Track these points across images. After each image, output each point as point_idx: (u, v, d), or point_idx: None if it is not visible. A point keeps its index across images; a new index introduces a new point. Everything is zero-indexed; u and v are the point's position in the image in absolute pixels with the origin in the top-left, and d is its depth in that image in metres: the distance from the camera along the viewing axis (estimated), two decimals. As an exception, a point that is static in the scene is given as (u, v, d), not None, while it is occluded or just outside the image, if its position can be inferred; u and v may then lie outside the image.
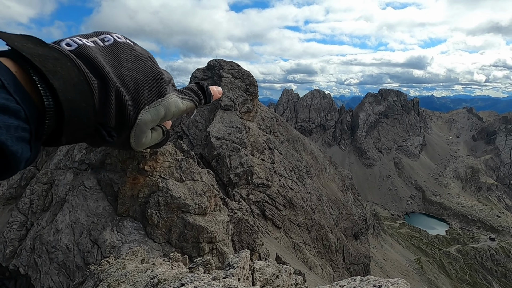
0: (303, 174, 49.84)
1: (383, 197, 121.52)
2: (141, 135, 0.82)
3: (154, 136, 0.88)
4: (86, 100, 0.68)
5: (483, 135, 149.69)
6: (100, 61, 0.74)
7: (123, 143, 0.82)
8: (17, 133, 0.57)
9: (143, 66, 0.83)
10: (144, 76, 0.82)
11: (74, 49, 0.73)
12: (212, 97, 1.00)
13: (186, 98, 0.91)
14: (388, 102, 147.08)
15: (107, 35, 0.84)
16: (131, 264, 8.76)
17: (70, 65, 0.68)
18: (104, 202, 18.63)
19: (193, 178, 19.70)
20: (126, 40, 0.87)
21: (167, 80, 0.88)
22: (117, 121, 0.76)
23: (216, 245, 17.25)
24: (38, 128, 0.63)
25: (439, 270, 74.36)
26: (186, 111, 0.92)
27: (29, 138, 0.60)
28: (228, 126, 42.17)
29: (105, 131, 0.74)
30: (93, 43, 0.78)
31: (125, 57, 0.81)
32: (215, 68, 53.21)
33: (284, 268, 7.58)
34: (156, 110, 0.82)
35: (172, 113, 0.87)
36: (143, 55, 0.86)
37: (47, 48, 0.68)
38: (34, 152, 0.63)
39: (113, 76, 0.75)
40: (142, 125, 0.80)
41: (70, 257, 17.19)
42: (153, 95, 0.82)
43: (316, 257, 40.15)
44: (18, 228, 21.14)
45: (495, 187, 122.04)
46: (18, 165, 0.59)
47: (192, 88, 0.95)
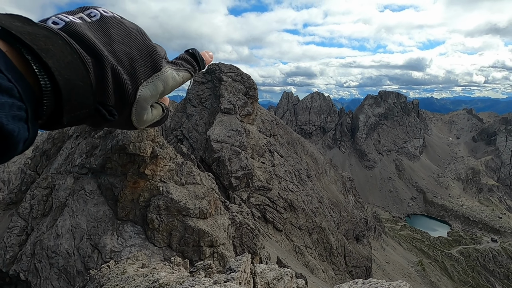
0: (304, 176, 49.77)
1: (384, 199, 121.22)
2: (142, 112, 0.81)
3: (155, 113, 0.87)
4: (82, 79, 0.66)
5: (483, 136, 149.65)
6: (91, 37, 0.72)
7: (125, 121, 0.81)
8: (12, 111, 0.55)
9: (134, 40, 0.81)
10: (138, 51, 0.80)
11: (62, 27, 0.70)
12: (205, 62, 0.98)
13: (181, 69, 0.90)
14: (388, 104, 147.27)
15: (93, 9, 0.81)
16: (131, 269, 8.73)
17: (62, 43, 0.66)
18: (105, 206, 18.60)
19: (193, 182, 19.68)
20: (113, 14, 0.84)
21: (161, 54, 0.86)
22: (117, 99, 0.74)
23: (217, 249, 17.19)
24: (36, 109, 0.61)
25: (441, 272, 73.96)
26: (183, 82, 0.92)
27: (25, 117, 0.58)
28: (228, 129, 42.20)
29: (105, 110, 0.72)
30: (80, 19, 0.76)
31: (115, 32, 0.79)
32: (215, 71, 53.37)
33: (286, 272, 7.54)
34: (154, 85, 0.81)
35: (170, 87, 0.86)
36: (133, 29, 0.83)
37: (35, 27, 0.65)
38: (33, 132, 0.61)
39: (107, 52, 0.73)
40: (142, 101, 0.79)
41: (71, 262, 17.13)
42: (148, 70, 0.80)
43: (317, 260, 39.96)
44: (18, 233, 21.08)
45: (496, 188, 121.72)
46: (16, 145, 0.57)
47: (184, 57, 0.94)
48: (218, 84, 50.98)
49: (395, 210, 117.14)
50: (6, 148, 0.56)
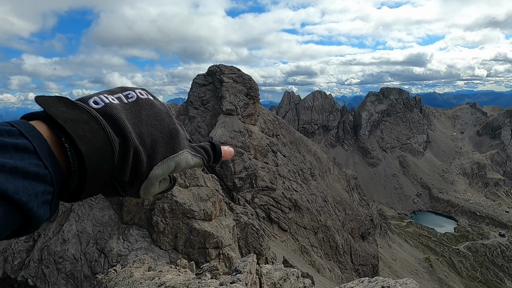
0: (307, 175, 49.67)
1: (389, 196, 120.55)
2: (150, 187, 0.86)
3: (162, 185, 0.91)
4: (107, 161, 0.72)
5: (487, 130, 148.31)
6: (124, 120, 0.78)
7: (133, 193, 0.86)
8: (43, 197, 0.59)
9: (161, 122, 0.87)
10: (161, 133, 0.85)
11: (101, 107, 0.77)
12: (222, 157, 1.03)
13: (197, 155, 0.94)
14: (390, 101, 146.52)
15: (131, 91, 0.88)
16: (138, 272, 8.76)
17: (97, 127, 0.72)
18: (110, 210, 18.70)
19: (197, 184, 19.72)
20: (147, 95, 0.91)
21: (182, 137, 0.91)
22: (131, 176, 0.79)
23: (222, 250, 17.20)
24: (60, 189, 0.66)
25: (449, 268, 73.37)
26: (195, 166, 0.95)
27: (51, 200, 0.62)
28: (230, 131, 42.25)
29: (120, 186, 0.78)
30: (117, 100, 0.83)
31: (145, 113, 0.85)
32: (216, 73, 53.47)
33: (292, 271, 7.53)
34: (168, 165, 0.85)
35: (181, 167, 0.90)
36: (162, 111, 0.89)
37: (77, 111, 0.72)
38: (53, 211, 0.65)
39: (134, 134, 0.78)
40: (153, 179, 0.84)
41: (78, 266, 17.23)
42: (167, 152, 0.85)
43: (323, 259, 39.83)
44: (25, 239, 21.26)
45: (503, 182, 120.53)
46: (38, 226, 0.61)
47: (204, 147, 0.99)
48: (219, 86, 51.07)
49: (401, 207, 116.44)
50: (29, 229, 0.61)
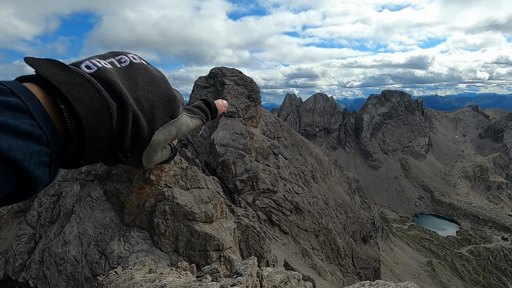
0: (309, 178, 49.58)
1: (391, 199, 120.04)
2: (153, 154, 0.85)
3: (164, 153, 0.90)
4: (105, 124, 0.70)
5: (490, 133, 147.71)
6: (119, 84, 0.76)
7: (135, 161, 0.84)
8: (40, 158, 0.58)
9: (157, 87, 0.86)
10: (159, 98, 0.84)
11: (94, 72, 0.75)
12: (218, 111, 1.03)
13: (195, 116, 0.94)
14: (392, 103, 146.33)
15: (124, 55, 0.86)
16: (139, 274, 8.75)
17: (93, 90, 0.70)
18: (111, 212, 18.72)
19: (198, 186, 19.72)
20: (141, 60, 0.89)
21: (179, 101, 0.91)
22: (132, 142, 0.78)
23: (223, 253, 17.15)
24: (59, 153, 0.65)
25: (452, 272, 72.82)
26: (195, 128, 0.96)
27: (49, 162, 0.61)
28: (232, 133, 42.30)
29: (120, 152, 0.76)
30: (110, 64, 0.81)
31: (140, 78, 0.84)
32: (218, 75, 53.64)
33: (293, 274, 7.49)
34: (169, 130, 0.85)
35: (183, 132, 0.90)
36: (157, 76, 0.88)
37: (70, 73, 0.70)
38: (52, 175, 0.65)
39: (131, 99, 0.77)
40: (155, 145, 0.83)
41: (79, 268, 17.23)
42: (166, 116, 0.85)
43: (325, 262, 39.65)
44: (27, 241, 21.30)
45: (505, 185, 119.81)
46: (37, 189, 0.61)
47: (199, 106, 0.99)
48: (221, 88, 51.21)
49: (402, 210, 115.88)
50: (28, 191, 0.60)
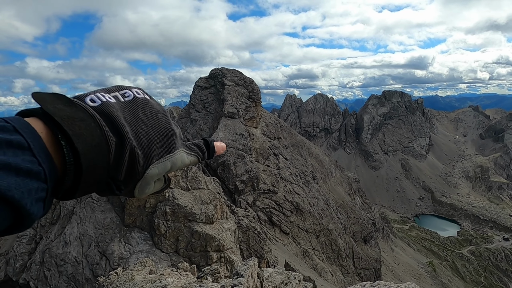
0: (309, 179, 49.54)
1: (392, 199, 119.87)
2: (145, 187, 0.86)
3: (157, 185, 0.91)
4: (103, 159, 0.71)
5: (490, 133, 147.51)
6: (120, 119, 0.78)
7: (127, 192, 0.86)
8: (37, 194, 0.59)
9: (157, 122, 0.87)
10: (158, 133, 0.86)
11: (97, 106, 0.77)
12: (215, 153, 1.04)
13: (192, 154, 0.95)
14: (392, 104, 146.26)
15: (128, 90, 0.88)
16: (139, 275, 8.74)
17: (94, 125, 0.72)
18: (112, 213, 18.71)
19: (199, 187, 19.71)
20: (144, 95, 0.91)
21: (177, 136, 0.92)
22: (126, 175, 0.79)
23: (224, 253, 17.14)
24: (54, 187, 0.65)
25: (453, 272, 72.66)
26: (190, 164, 0.96)
27: (45, 197, 0.62)
28: (232, 134, 42.29)
29: (115, 184, 0.77)
30: (114, 98, 0.83)
31: (142, 113, 0.85)
32: (218, 76, 53.66)
33: (293, 275, 7.48)
34: (164, 164, 0.86)
35: (177, 167, 0.90)
36: (158, 111, 0.90)
37: (74, 109, 0.72)
38: (46, 209, 0.64)
39: (130, 133, 0.78)
40: (148, 178, 0.84)
41: (79, 269, 17.22)
42: (163, 151, 0.86)
43: (325, 262, 39.58)
44: (27, 242, 21.31)
45: (506, 186, 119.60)
46: (31, 223, 0.61)
47: (198, 144, 1.00)
48: (221, 89, 51.22)
49: (403, 210, 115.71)
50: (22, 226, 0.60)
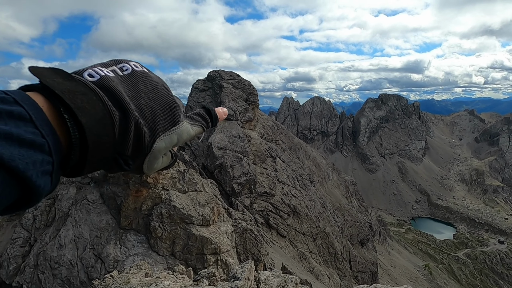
0: (306, 181, 49.59)
1: (388, 202, 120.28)
2: (154, 161, 0.85)
3: (165, 160, 0.90)
4: (108, 133, 0.70)
5: (486, 137, 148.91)
6: (121, 92, 0.76)
7: (136, 168, 0.85)
8: (42, 167, 0.58)
9: (159, 95, 0.86)
10: (160, 106, 0.84)
11: (96, 80, 0.75)
12: (218, 119, 1.05)
13: (196, 124, 0.95)
14: (389, 107, 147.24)
15: (125, 63, 0.86)
16: (135, 278, 8.67)
17: (96, 99, 0.70)
18: (107, 215, 18.57)
19: (195, 189, 19.65)
20: (142, 68, 0.89)
21: (180, 108, 0.91)
22: (134, 149, 0.78)
23: (220, 256, 17.06)
24: (61, 161, 0.64)
25: (449, 275, 72.91)
26: (196, 135, 0.97)
27: (51, 170, 0.61)
28: (229, 136, 42.28)
29: (122, 160, 0.76)
30: (112, 72, 0.81)
31: (142, 86, 0.84)
32: (215, 78, 53.72)
33: (290, 278, 7.46)
34: (170, 137, 0.85)
35: (183, 139, 0.90)
36: (159, 84, 0.89)
37: (74, 82, 0.70)
38: (54, 183, 0.64)
39: (133, 107, 0.77)
40: (156, 152, 0.83)
41: (74, 272, 17.04)
42: (168, 124, 0.85)
43: (322, 265, 39.55)
44: (21, 244, 21.05)
45: (501, 189, 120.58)
46: (39, 198, 0.61)
47: (200, 113, 1.00)
48: (218, 91, 51.27)
49: (400, 213, 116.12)
50: (30, 201, 0.59)
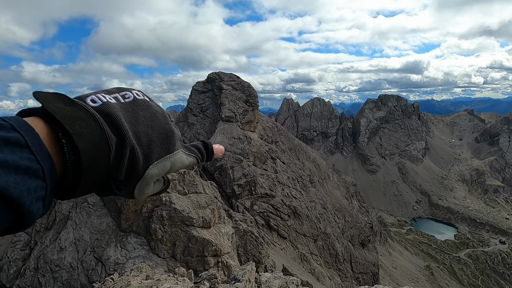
0: (307, 182, 49.54)
1: (389, 203, 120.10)
2: (145, 187, 0.86)
3: (156, 186, 0.91)
4: (103, 158, 0.72)
5: (486, 137, 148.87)
6: (120, 119, 0.78)
7: (127, 193, 0.86)
8: (36, 193, 0.58)
9: (157, 123, 0.88)
10: (157, 133, 0.86)
11: (98, 106, 0.78)
12: (214, 155, 1.06)
13: (191, 155, 0.96)
14: (389, 108, 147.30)
15: (128, 92, 0.90)
16: (135, 281, 8.64)
17: (94, 124, 0.72)
18: (108, 218, 18.54)
19: (196, 191, 19.62)
20: (144, 97, 0.92)
21: (177, 137, 0.92)
22: (126, 175, 0.79)
23: (221, 258, 17.01)
24: (55, 185, 0.66)
25: (450, 276, 72.69)
26: (189, 166, 0.97)
27: (44, 196, 0.61)
28: (229, 137, 42.27)
29: (114, 184, 0.78)
30: (115, 99, 0.84)
31: (142, 114, 0.86)
32: (215, 80, 53.77)
33: (291, 280, 7.44)
34: (163, 165, 0.86)
35: (177, 167, 0.91)
36: (158, 112, 0.91)
37: (75, 108, 0.73)
38: (46, 208, 0.64)
39: (130, 133, 0.79)
40: (148, 178, 0.84)
41: (74, 275, 16.99)
42: (163, 151, 0.86)
43: (323, 267, 39.43)
44: (22, 247, 21.01)
45: (502, 189, 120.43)
46: (31, 223, 0.61)
47: (197, 146, 1.01)
48: (218, 93, 51.30)
49: (400, 214, 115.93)
50: (22, 226, 0.60)
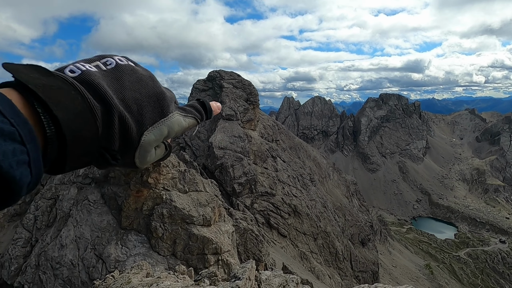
0: (307, 181, 49.58)
1: (389, 202, 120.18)
2: (145, 154, 0.83)
3: (158, 152, 0.88)
4: (89, 128, 0.68)
5: (486, 136, 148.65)
6: (103, 86, 0.74)
7: (128, 163, 0.82)
8: (15, 156, 0.55)
9: (145, 87, 0.83)
10: (147, 97, 0.82)
11: (77, 75, 0.73)
12: (212, 112, 1.02)
13: (189, 115, 0.92)
14: (389, 106, 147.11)
15: (109, 58, 0.84)
16: (136, 278, 8.68)
17: (74, 93, 0.68)
18: (108, 216, 18.60)
19: (196, 189, 19.65)
20: (128, 62, 0.87)
21: (170, 99, 0.88)
22: (121, 143, 0.76)
23: (221, 256, 17.06)
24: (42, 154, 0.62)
25: (450, 275, 72.81)
26: (189, 128, 0.94)
27: (28, 160, 0.57)
28: (230, 136, 42.29)
29: (109, 154, 0.74)
30: (96, 67, 0.79)
31: (127, 79, 0.81)
32: (216, 78, 53.73)
33: (291, 278, 7.46)
34: (160, 129, 0.83)
35: (175, 131, 0.87)
36: (144, 76, 0.86)
37: (52, 77, 0.67)
38: (36, 175, 0.60)
39: (116, 100, 0.75)
40: (146, 145, 0.81)
41: (75, 272, 17.07)
42: (156, 116, 0.82)
43: (323, 265, 39.53)
44: (23, 244, 21.10)
45: (503, 188, 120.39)
46: (19, 190, 0.57)
47: (193, 105, 0.97)
48: (219, 91, 51.28)
49: (400, 213, 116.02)
50: (11, 194, 0.56)
